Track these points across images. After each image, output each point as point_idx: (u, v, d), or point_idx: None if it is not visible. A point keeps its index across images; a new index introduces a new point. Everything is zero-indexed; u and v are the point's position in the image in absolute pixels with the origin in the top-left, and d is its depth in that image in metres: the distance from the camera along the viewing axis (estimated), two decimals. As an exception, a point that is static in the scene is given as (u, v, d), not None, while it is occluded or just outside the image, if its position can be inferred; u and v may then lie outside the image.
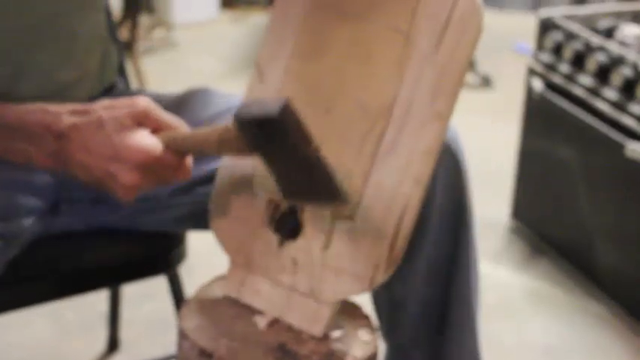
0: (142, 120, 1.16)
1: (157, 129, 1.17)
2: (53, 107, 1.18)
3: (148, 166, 1.14)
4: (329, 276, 1.16)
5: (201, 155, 1.19)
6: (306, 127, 1.05)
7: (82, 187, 1.28)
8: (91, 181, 1.16)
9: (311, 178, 1.08)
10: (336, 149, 1.15)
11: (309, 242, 1.17)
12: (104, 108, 1.16)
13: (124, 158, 1.13)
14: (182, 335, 1.17)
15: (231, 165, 1.22)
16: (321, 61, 1.18)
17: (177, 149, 1.15)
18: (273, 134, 1.05)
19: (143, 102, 1.17)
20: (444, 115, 1.12)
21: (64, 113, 1.17)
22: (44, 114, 1.17)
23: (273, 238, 1.19)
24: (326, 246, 1.16)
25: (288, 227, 1.17)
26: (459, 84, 1.13)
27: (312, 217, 1.16)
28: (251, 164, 1.19)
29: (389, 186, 1.13)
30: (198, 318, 1.19)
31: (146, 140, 1.14)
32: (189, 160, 1.18)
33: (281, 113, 1.03)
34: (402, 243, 1.13)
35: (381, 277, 1.14)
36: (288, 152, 1.06)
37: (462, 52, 1.12)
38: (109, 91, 1.52)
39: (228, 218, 1.21)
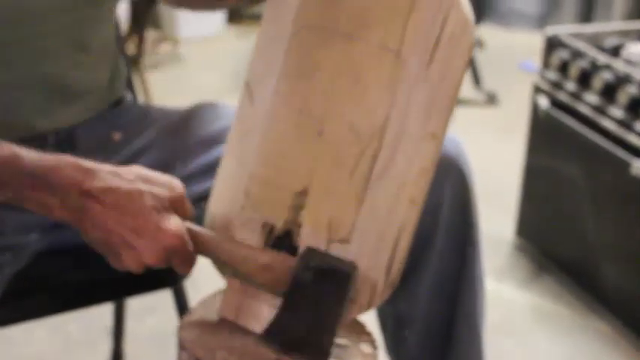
0: (175, 203, 1.16)
1: (182, 214, 1.17)
2: (88, 164, 1.15)
3: (172, 252, 1.14)
4: None
5: (228, 264, 1.17)
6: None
7: None
8: (102, 245, 1.14)
9: (315, 333, 1.12)
10: (329, 172, 1.13)
11: None
12: (143, 180, 1.14)
13: (156, 239, 1.12)
14: (180, 345, 1.17)
15: (224, 188, 1.21)
16: (310, 82, 1.14)
17: (202, 248, 1.17)
18: (326, 285, 1.11)
19: (180, 186, 1.16)
20: (438, 135, 1.10)
21: (98, 173, 1.14)
22: (76, 170, 1.14)
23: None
24: None
25: (284, 250, 1.16)
26: (453, 102, 1.10)
27: (307, 240, 1.14)
28: (244, 189, 1.18)
29: (384, 208, 1.11)
30: (198, 329, 1.19)
31: (181, 228, 1.14)
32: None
33: (353, 273, 1.10)
34: (398, 265, 1.12)
35: (379, 300, 1.13)
36: (322, 304, 1.11)
37: (454, 69, 1.10)
38: (117, 105, 1.52)
39: (223, 238, 1.20)
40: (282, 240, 1.16)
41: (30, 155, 1.16)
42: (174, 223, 1.14)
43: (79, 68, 1.40)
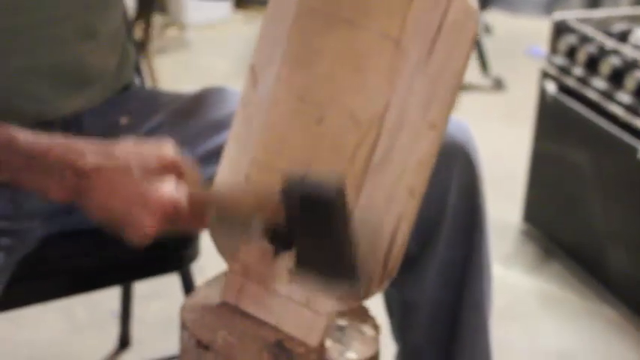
0: (169, 169, 1.16)
1: (180, 176, 1.17)
2: (78, 144, 1.16)
3: (172, 216, 1.14)
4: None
5: (227, 214, 1.18)
6: (349, 211, 1.06)
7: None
8: (107, 221, 1.16)
9: (336, 257, 1.08)
10: (328, 160, 1.13)
11: None
12: (131, 153, 1.15)
13: (151, 206, 1.13)
14: (182, 326, 1.18)
15: (227, 172, 1.21)
16: (311, 69, 1.14)
17: (202, 204, 1.16)
18: (319, 212, 1.05)
19: (170, 151, 1.16)
20: (438, 125, 1.09)
21: (88, 153, 1.15)
22: (67, 150, 1.16)
23: (267, 247, 1.17)
24: None
25: (282, 237, 1.16)
26: (454, 92, 1.09)
27: None
28: (245, 173, 1.18)
29: (382, 198, 1.11)
30: (200, 310, 1.20)
31: (174, 191, 1.14)
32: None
33: (337, 196, 1.04)
34: (396, 256, 1.11)
35: (375, 290, 1.12)
36: (325, 230, 1.07)
37: (456, 59, 1.08)
38: (126, 89, 1.52)
39: (225, 226, 1.21)
40: (280, 227, 1.15)
41: (25, 137, 1.17)
42: (165, 188, 1.13)
43: (88, 55, 1.40)
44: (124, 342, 2.14)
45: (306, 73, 1.15)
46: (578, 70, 2.43)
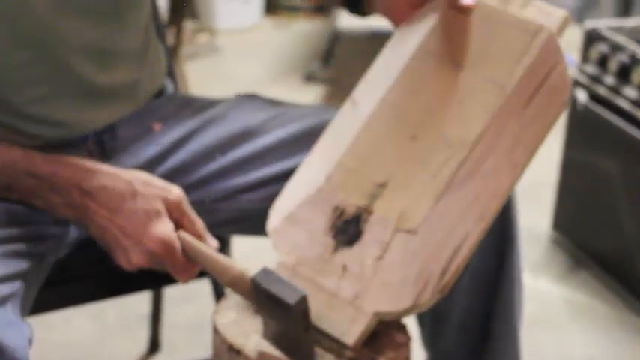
0: (171, 210, 1.20)
1: (180, 222, 1.21)
2: (88, 164, 1.21)
3: (161, 258, 1.18)
4: (376, 286, 1.15)
5: (213, 275, 1.21)
6: (310, 323, 1.11)
7: None
8: (102, 241, 1.21)
9: (288, 345, 1.12)
10: (413, 171, 1.18)
11: (364, 250, 1.17)
12: (141, 182, 1.20)
13: (142, 242, 1.17)
14: (214, 330, 1.19)
15: (304, 176, 1.25)
16: (417, 97, 1.22)
17: (192, 257, 1.20)
18: (279, 313, 1.10)
19: (177, 193, 1.21)
20: (520, 166, 1.18)
21: (98, 172, 1.20)
22: (76, 170, 1.20)
23: (329, 242, 1.20)
24: (381, 256, 1.16)
25: (348, 234, 1.18)
26: (540, 142, 1.19)
27: (374, 226, 1.17)
28: (327, 173, 1.22)
29: (454, 214, 1.15)
30: (233, 314, 1.20)
31: (169, 234, 1.18)
32: (197, 268, 1.21)
33: (297, 305, 1.08)
34: (453, 272, 1.14)
35: (426, 300, 1.13)
36: (285, 328, 1.11)
37: (547, 117, 1.19)
38: (159, 96, 1.53)
39: (288, 219, 1.23)
40: (349, 224, 1.19)
41: (34, 157, 1.22)
42: (162, 228, 1.17)
43: (110, 75, 1.39)
44: (154, 345, 2.15)
45: (411, 99, 1.23)
46: (610, 79, 2.42)
